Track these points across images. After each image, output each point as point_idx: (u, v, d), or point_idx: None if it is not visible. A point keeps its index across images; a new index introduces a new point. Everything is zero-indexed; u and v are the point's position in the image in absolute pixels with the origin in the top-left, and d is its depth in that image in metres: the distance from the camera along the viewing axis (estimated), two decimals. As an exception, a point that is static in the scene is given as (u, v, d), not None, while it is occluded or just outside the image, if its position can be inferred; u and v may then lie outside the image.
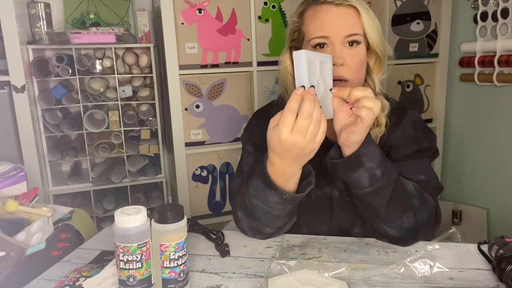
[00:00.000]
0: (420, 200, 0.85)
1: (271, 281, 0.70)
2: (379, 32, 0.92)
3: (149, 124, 1.89)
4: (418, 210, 0.84)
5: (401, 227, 0.83)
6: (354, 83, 0.90)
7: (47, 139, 1.81)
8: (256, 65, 1.83)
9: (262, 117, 1.04)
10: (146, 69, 1.89)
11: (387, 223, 0.84)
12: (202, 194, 1.89)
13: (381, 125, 0.92)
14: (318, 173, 0.94)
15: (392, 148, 0.94)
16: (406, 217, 0.83)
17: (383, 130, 0.93)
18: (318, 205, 0.95)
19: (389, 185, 0.81)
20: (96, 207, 1.88)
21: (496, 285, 0.72)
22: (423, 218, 0.85)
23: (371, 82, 0.96)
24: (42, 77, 1.73)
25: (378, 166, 0.79)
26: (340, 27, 0.88)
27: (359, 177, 0.80)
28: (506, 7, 1.65)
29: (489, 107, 1.85)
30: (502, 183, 1.80)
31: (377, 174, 0.79)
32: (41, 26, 1.77)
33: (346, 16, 0.88)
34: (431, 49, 2.03)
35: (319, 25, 0.89)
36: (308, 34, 0.91)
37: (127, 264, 0.64)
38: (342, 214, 0.94)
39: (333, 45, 0.88)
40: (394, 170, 0.83)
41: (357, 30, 0.89)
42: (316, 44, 0.90)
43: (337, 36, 0.88)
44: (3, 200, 0.86)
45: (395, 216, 0.83)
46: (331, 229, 0.95)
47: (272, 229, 0.88)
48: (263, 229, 0.88)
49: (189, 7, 1.70)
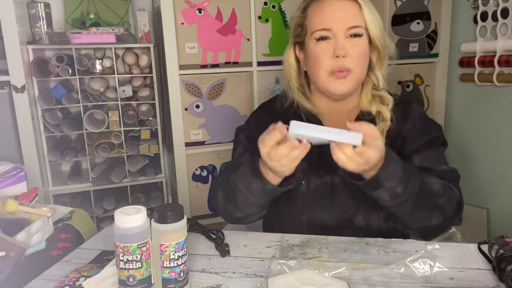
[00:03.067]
0: (447, 196, 0.86)
1: (271, 281, 0.70)
2: (380, 26, 0.93)
3: (149, 124, 1.89)
4: (445, 206, 0.85)
5: (429, 226, 0.85)
6: (357, 73, 0.92)
7: (47, 139, 1.81)
8: (256, 65, 1.83)
9: (263, 112, 1.07)
10: (146, 69, 1.89)
11: (413, 225, 0.86)
12: (202, 194, 1.89)
13: (386, 120, 0.94)
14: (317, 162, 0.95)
15: (406, 140, 0.95)
16: (433, 217, 0.84)
17: (389, 124, 0.94)
18: (317, 193, 0.96)
19: (412, 198, 0.81)
20: (96, 207, 1.88)
21: (496, 285, 0.72)
22: (450, 213, 0.86)
23: (374, 78, 0.97)
24: (42, 77, 1.73)
25: (398, 183, 0.79)
26: (342, 20, 0.89)
27: (380, 195, 0.81)
28: (506, 7, 1.65)
29: (489, 107, 1.84)
30: (502, 183, 1.80)
31: (398, 191, 0.79)
32: (41, 26, 1.77)
33: (347, 9, 0.90)
34: (431, 49, 2.03)
35: (321, 18, 0.91)
36: (311, 28, 0.93)
37: (127, 264, 0.64)
38: (345, 201, 0.95)
39: (336, 37, 0.90)
40: (416, 180, 0.81)
41: (359, 22, 0.90)
42: (319, 37, 0.91)
43: (339, 28, 0.89)
44: (3, 200, 0.86)
45: (421, 219, 0.84)
46: (332, 216, 0.96)
47: (243, 214, 0.91)
48: (235, 213, 0.91)
49: (189, 7, 1.70)
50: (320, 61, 0.91)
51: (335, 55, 0.89)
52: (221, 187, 0.94)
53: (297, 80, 1.01)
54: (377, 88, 0.98)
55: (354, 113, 0.99)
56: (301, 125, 0.72)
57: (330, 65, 0.90)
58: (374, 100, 0.96)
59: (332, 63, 0.90)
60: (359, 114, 0.98)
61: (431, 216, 0.84)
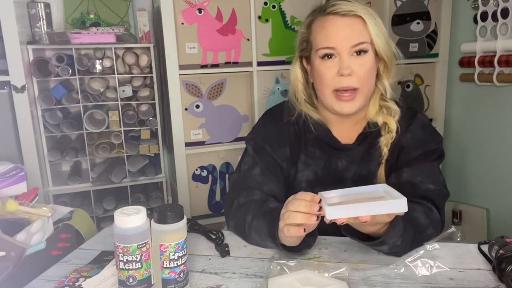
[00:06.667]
0: (433, 225, 0.87)
1: (271, 281, 0.70)
2: (386, 37, 0.93)
3: (149, 124, 1.89)
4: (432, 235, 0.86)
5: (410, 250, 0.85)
6: (363, 90, 0.91)
7: (47, 139, 1.80)
8: (256, 65, 1.83)
9: (270, 119, 1.06)
10: (146, 69, 1.89)
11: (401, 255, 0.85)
12: (202, 194, 1.89)
13: (392, 131, 0.94)
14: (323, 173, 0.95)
15: (402, 150, 0.95)
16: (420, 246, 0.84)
17: (394, 136, 0.94)
18: None
19: (407, 245, 0.81)
20: (96, 207, 1.88)
21: (496, 285, 0.72)
22: (431, 236, 0.86)
23: (381, 87, 0.97)
24: (42, 77, 1.72)
25: (398, 237, 0.78)
26: (346, 38, 0.88)
27: (380, 249, 0.82)
28: (506, 7, 1.65)
29: (489, 107, 1.84)
30: (502, 183, 1.80)
31: (397, 243, 0.79)
32: (41, 26, 1.77)
33: (352, 27, 0.89)
34: (431, 49, 2.02)
35: (325, 36, 0.90)
36: (316, 45, 0.93)
37: (127, 265, 0.64)
38: None
39: (340, 55, 0.89)
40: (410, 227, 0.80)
41: (364, 38, 0.89)
42: (324, 54, 0.91)
43: (343, 47, 0.88)
44: (3, 200, 0.86)
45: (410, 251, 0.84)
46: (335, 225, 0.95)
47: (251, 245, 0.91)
48: (244, 240, 0.92)
49: (189, 7, 1.70)
50: (325, 80, 0.91)
51: (339, 74, 0.89)
52: (234, 219, 0.94)
53: (305, 92, 1.01)
54: (385, 98, 0.97)
55: (361, 124, 0.99)
56: (339, 210, 0.67)
57: (335, 84, 0.90)
58: (381, 111, 0.96)
59: (336, 82, 0.90)
60: (366, 126, 0.98)
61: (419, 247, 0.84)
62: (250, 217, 0.87)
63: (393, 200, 0.67)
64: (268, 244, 0.85)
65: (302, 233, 0.73)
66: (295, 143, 1.01)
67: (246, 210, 0.89)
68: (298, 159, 1.00)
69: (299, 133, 1.01)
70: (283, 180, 1.01)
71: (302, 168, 1.00)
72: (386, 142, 0.94)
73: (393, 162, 0.96)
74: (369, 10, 0.91)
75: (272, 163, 0.99)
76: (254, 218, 0.87)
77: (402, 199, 0.66)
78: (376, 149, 0.97)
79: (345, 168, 0.99)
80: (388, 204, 0.67)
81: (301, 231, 0.73)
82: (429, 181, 0.91)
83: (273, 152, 0.99)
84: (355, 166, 0.98)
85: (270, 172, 0.98)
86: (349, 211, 0.67)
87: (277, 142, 1.00)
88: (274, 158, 0.99)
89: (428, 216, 0.86)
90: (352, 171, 0.99)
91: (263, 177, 0.97)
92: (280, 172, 1.00)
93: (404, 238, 0.79)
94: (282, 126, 1.01)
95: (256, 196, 0.93)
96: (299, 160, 1.00)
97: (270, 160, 0.99)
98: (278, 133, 1.01)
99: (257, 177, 0.97)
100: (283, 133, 1.01)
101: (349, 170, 0.99)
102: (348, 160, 0.99)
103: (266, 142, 1.00)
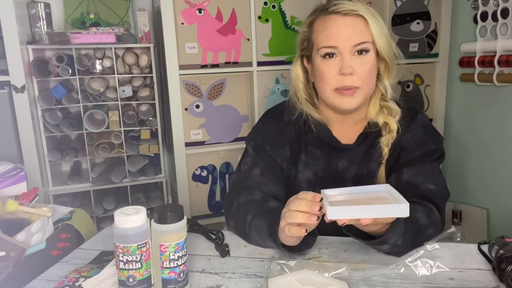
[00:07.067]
0: (433, 226, 0.87)
1: (271, 281, 0.70)
2: (387, 37, 0.92)
3: (149, 124, 1.89)
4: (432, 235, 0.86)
5: None
6: (365, 89, 0.91)
7: (47, 139, 1.80)
8: (256, 65, 1.83)
9: (270, 119, 1.06)
10: (146, 69, 1.88)
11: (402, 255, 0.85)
12: (202, 194, 1.89)
13: (392, 131, 0.94)
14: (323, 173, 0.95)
15: (403, 150, 0.95)
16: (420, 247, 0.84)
17: (395, 136, 0.94)
18: None
19: (408, 245, 0.81)
20: (96, 207, 1.88)
21: (496, 285, 0.72)
22: (431, 237, 0.86)
23: (382, 87, 0.97)
24: (42, 77, 1.72)
25: (399, 237, 0.78)
26: (347, 37, 0.88)
27: (380, 248, 0.82)
28: (506, 7, 1.65)
29: (489, 107, 1.84)
30: (502, 183, 1.80)
31: (398, 243, 0.79)
32: (41, 26, 1.77)
33: (353, 26, 0.89)
34: (431, 49, 2.02)
35: (327, 35, 0.90)
36: (317, 44, 0.92)
37: (127, 265, 0.64)
38: None
39: (342, 55, 0.89)
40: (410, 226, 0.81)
41: (366, 38, 0.89)
42: (325, 54, 0.91)
43: (345, 46, 0.88)
44: (3, 200, 0.86)
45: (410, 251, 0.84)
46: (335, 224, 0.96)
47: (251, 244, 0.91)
48: (244, 239, 0.92)
49: (189, 7, 1.70)
50: (326, 79, 0.91)
51: (341, 73, 0.89)
52: (234, 219, 0.94)
53: (305, 91, 1.01)
54: (385, 98, 0.97)
55: (362, 124, 0.99)
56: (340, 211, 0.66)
57: (336, 83, 0.90)
58: (382, 111, 0.96)
59: (338, 81, 0.90)
60: (366, 126, 0.98)
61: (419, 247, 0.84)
62: (250, 217, 0.87)
63: (395, 205, 0.67)
64: (268, 244, 0.85)
65: (303, 233, 0.73)
66: (295, 143, 1.01)
67: (246, 210, 0.89)
68: (298, 159, 1.01)
69: (300, 133, 1.01)
70: (283, 180, 1.01)
71: (303, 168, 1.00)
72: (386, 142, 0.94)
73: (394, 162, 0.96)
74: (371, 9, 0.91)
75: (272, 164, 0.99)
76: (255, 217, 0.87)
77: (405, 204, 0.66)
78: (377, 150, 0.97)
79: (346, 168, 0.99)
80: (390, 208, 0.67)
81: (302, 231, 0.73)
82: (430, 182, 0.92)
83: (273, 153, 1.00)
84: (355, 167, 0.98)
85: (270, 173, 0.98)
86: (351, 213, 0.67)
87: (277, 142, 1.00)
88: (274, 159, 1.00)
89: (428, 217, 0.86)
90: (353, 172, 0.99)
91: (263, 178, 0.97)
92: (280, 172, 1.00)
93: (405, 238, 0.79)
94: (282, 126, 1.02)
95: (256, 196, 0.93)
96: (299, 160, 1.00)
97: (270, 160, 0.99)
98: (278, 133, 1.01)
99: (257, 177, 0.97)
100: (283, 133, 1.01)
101: (349, 170, 0.99)
102: (349, 160, 0.99)
103: (266, 142, 1.00)
